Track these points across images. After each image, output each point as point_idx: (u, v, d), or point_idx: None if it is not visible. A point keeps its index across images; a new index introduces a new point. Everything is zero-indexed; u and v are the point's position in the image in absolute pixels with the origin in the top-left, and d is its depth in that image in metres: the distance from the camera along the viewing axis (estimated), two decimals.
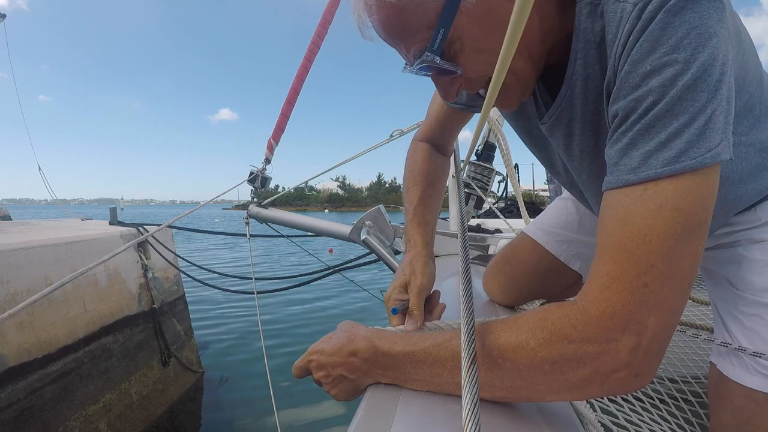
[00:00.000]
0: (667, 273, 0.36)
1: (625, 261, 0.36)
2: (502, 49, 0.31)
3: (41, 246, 2.61)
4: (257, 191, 2.19)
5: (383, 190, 79.79)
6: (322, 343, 0.52)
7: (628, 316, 0.36)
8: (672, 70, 0.35)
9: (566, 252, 0.83)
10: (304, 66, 2.09)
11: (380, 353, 0.47)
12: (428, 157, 0.79)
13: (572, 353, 0.37)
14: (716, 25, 0.36)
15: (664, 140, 0.36)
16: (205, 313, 5.52)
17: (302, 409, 3.17)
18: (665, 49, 0.35)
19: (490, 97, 0.38)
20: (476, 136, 0.66)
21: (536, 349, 0.38)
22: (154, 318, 3.54)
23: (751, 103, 0.51)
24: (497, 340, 0.41)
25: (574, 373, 0.37)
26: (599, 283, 0.37)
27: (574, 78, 0.46)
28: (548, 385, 0.39)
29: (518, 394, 0.42)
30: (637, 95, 0.37)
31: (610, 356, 0.36)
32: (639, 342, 0.36)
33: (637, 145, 0.37)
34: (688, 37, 0.35)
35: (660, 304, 0.36)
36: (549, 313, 0.40)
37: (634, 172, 0.37)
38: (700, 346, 1.30)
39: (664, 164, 0.36)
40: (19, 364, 2.35)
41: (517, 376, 0.40)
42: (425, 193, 0.75)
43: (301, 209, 61.59)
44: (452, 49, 0.43)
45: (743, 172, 0.54)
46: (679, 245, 0.36)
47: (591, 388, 0.38)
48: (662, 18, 0.35)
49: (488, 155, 2.46)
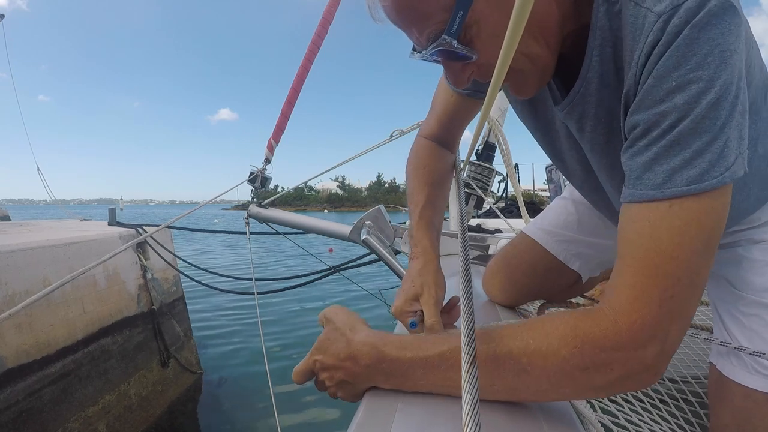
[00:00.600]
0: (690, 285, 0.38)
1: (654, 276, 0.38)
2: (504, 45, 0.30)
3: (39, 247, 2.61)
4: (257, 191, 2.18)
5: (383, 190, 79.77)
6: (324, 342, 0.50)
7: (656, 327, 0.38)
8: (696, 88, 0.36)
9: (566, 252, 0.83)
10: (304, 66, 2.08)
11: (387, 359, 0.45)
12: (434, 155, 0.76)
13: (602, 360, 0.39)
14: (735, 42, 0.36)
15: (688, 158, 0.37)
16: (204, 314, 5.51)
17: (302, 409, 3.17)
18: (690, 66, 0.36)
19: (490, 98, 0.38)
20: (476, 136, 0.65)
21: (568, 358, 0.39)
22: (153, 319, 3.53)
23: (755, 109, 0.51)
24: (527, 347, 0.41)
25: (602, 377, 0.39)
26: (629, 295, 0.39)
27: (590, 75, 0.46)
28: (575, 388, 0.41)
29: (542, 398, 0.43)
30: (662, 110, 0.38)
31: (636, 361, 0.39)
32: (663, 348, 0.39)
33: (661, 161, 0.38)
34: (711, 54, 0.36)
35: (682, 312, 0.39)
36: (580, 322, 0.41)
37: (660, 189, 0.38)
38: (700, 346, 1.30)
39: (689, 182, 0.37)
40: (17, 365, 2.34)
41: (545, 381, 0.40)
42: (432, 194, 0.72)
43: (300, 209, 61.57)
44: (469, 34, 0.42)
45: (748, 179, 0.54)
46: (701, 260, 0.38)
47: (613, 389, 0.41)
48: (688, 34, 0.36)
49: (488, 155, 2.46)
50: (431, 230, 0.69)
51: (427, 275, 0.61)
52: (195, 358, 4.04)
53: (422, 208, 0.70)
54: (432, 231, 0.69)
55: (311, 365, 0.49)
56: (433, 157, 0.76)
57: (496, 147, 2.36)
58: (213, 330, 5.04)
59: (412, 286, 0.61)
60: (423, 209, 0.70)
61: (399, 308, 0.60)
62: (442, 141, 0.77)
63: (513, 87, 0.50)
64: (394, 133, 1.90)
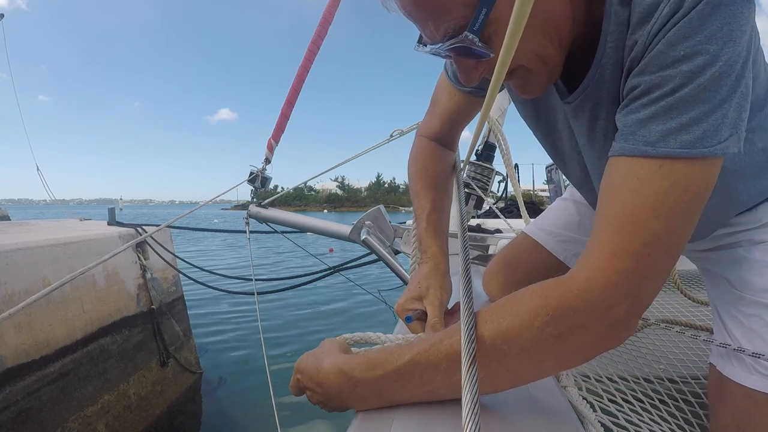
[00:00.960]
0: (668, 245, 0.39)
1: (635, 231, 0.38)
2: (504, 45, 0.30)
3: (39, 247, 2.60)
4: (257, 191, 2.18)
5: (382, 191, 79.79)
6: (302, 362, 0.49)
7: (630, 283, 0.38)
8: (703, 60, 0.37)
9: (566, 252, 0.83)
10: (304, 66, 2.08)
11: (359, 383, 0.43)
12: (436, 155, 0.75)
13: (575, 322, 0.39)
14: (746, 25, 0.37)
15: (685, 123, 0.38)
16: (204, 314, 5.50)
17: (302, 410, 3.17)
18: (700, 38, 0.37)
19: (490, 97, 0.38)
20: (476, 136, 0.65)
21: (542, 328, 0.39)
22: (153, 319, 3.53)
23: (757, 104, 0.51)
24: (499, 327, 0.40)
25: (576, 339, 0.39)
26: (606, 251, 0.39)
27: (604, 61, 0.46)
28: (555, 359, 0.40)
29: (524, 377, 0.42)
30: (666, 74, 0.38)
31: (609, 318, 0.39)
32: (634, 303, 0.39)
33: (658, 121, 0.39)
34: (721, 31, 0.37)
35: (656, 272, 0.39)
36: (549, 292, 0.40)
37: (654, 146, 0.38)
38: (700, 346, 1.30)
39: (682, 146, 0.38)
40: (17, 365, 2.34)
41: (524, 358, 0.40)
42: (437, 198, 0.72)
43: (299, 209, 61.58)
44: (488, 31, 0.41)
45: (746, 169, 0.54)
46: (682, 222, 0.39)
47: (590, 350, 0.41)
48: (702, 9, 0.37)
49: (488, 155, 2.45)
50: (440, 236, 0.70)
51: (433, 278, 0.62)
52: (194, 358, 4.03)
53: (429, 212, 0.70)
54: (440, 237, 0.70)
55: (296, 382, 0.50)
56: (435, 158, 0.76)
57: (496, 147, 2.36)
58: (212, 330, 5.04)
59: (417, 287, 0.62)
60: (430, 214, 0.70)
61: (400, 305, 0.61)
62: (442, 140, 0.77)
63: (520, 87, 0.50)
64: (394, 133, 1.90)
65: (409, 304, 0.60)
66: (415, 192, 0.74)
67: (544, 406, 0.46)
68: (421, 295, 0.61)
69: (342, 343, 0.51)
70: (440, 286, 0.61)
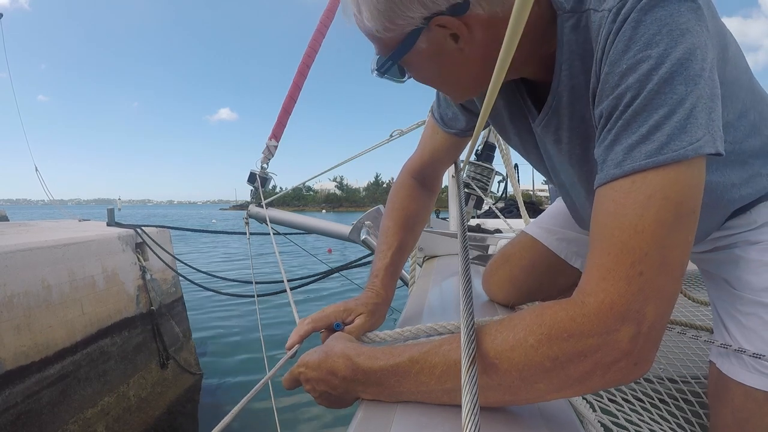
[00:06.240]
0: (661, 261, 0.36)
1: (619, 252, 0.36)
2: (501, 50, 0.30)
3: (38, 248, 2.60)
4: (257, 191, 2.18)
5: (381, 191, 79.73)
6: (308, 355, 0.52)
7: (626, 306, 0.36)
8: (647, 66, 0.36)
9: (567, 249, 0.83)
10: (305, 63, 2.08)
11: (360, 370, 0.46)
12: (412, 197, 0.80)
13: (572, 348, 0.36)
14: (689, 22, 0.36)
15: (645, 133, 0.37)
16: (203, 315, 5.50)
17: (303, 410, 3.17)
18: (638, 46, 0.37)
19: (490, 97, 0.38)
20: (476, 136, 0.66)
21: (536, 346, 0.37)
22: (152, 320, 3.53)
23: (744, 110, 0.51)
24: (494, 341, 0.40)
25: (576, 367, 0.37)
26: (595, 276, 0.38)
27: (560, 89, 0.47)
28: (549, 382, 0.38)
29: (518, 396, 0.41)
30: (617, 93, 0.38)
31: (610, 347, 0.36)
32: (639, 330, 0.36)
33: (620, 141, 0.38)
34: (659, 33, 0.36)
35: (656, 292, 0.36)
36: (546, 309, 0.39)
37: (620, 166, 0.38)
38: (700, 346, 1.30)
39: (647, 156, 0.36)
40: (16, 367, 2.34)
41: (516, 376, 0.38)
42: (404, 239, 0.77)
43: (298, 209, 61.52)
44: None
45: (740, 177, 0.55)
46: (671, 233, 0.36)
47: (592, 381, 0.38)
48: (634, 17, 0.37)
49: (488, 155, 2.46)
50: (394, 276, 0.75)
51: (368, 302, 0.67)
52: (194, 359, 4.03)
53: (394, 252, 0.75)
54: (395, 277, 0.76)
55: (296, 375, 0.52)
56: (412, 200, 0.80)
57: (496, 147, 2.36)
58: (212, 331, 5.04)
59: (353, 301, 0.67)
60: (394, 253, 0.75)
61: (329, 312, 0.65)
62: (424, 178, 0.82)
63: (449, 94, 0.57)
64: (394, 133, 1.91)
65: (338, 310, 0.65)
66: (386, 227, 0.78)
67: (543, 405, 0.46)
68: (349, 308, 0.65)
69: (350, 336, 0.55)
70: (370, 309, 0.66)
